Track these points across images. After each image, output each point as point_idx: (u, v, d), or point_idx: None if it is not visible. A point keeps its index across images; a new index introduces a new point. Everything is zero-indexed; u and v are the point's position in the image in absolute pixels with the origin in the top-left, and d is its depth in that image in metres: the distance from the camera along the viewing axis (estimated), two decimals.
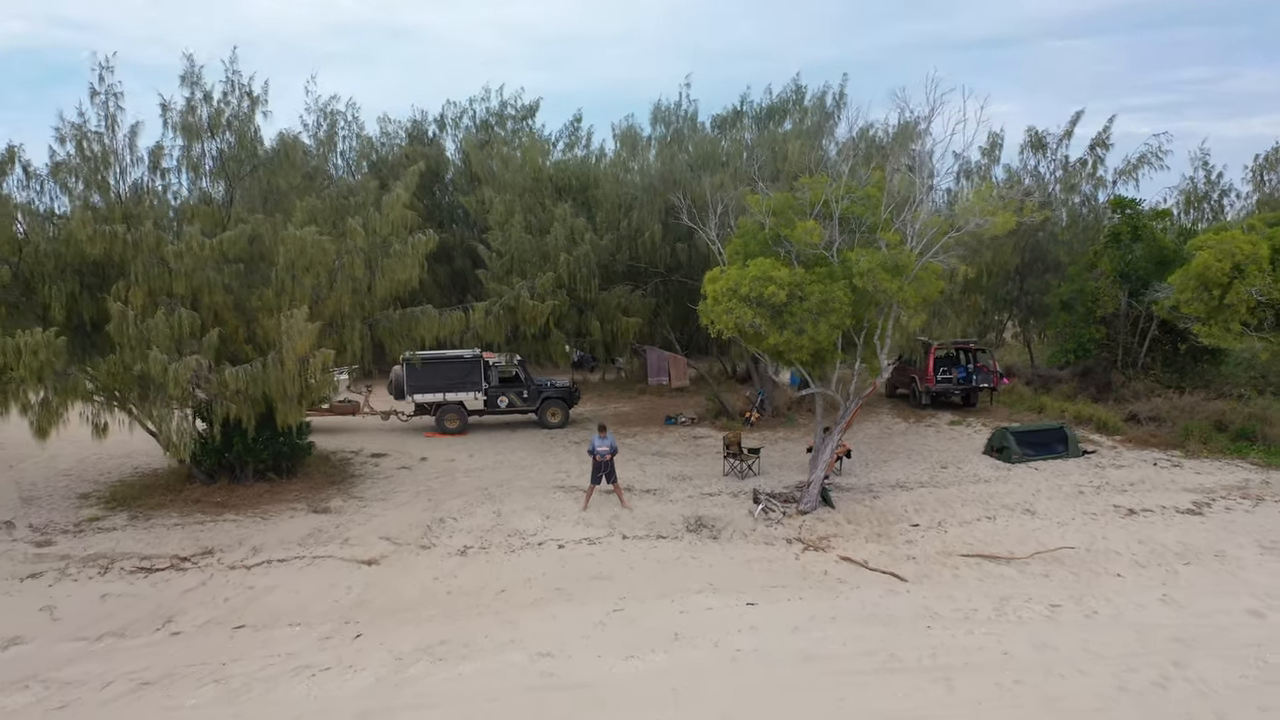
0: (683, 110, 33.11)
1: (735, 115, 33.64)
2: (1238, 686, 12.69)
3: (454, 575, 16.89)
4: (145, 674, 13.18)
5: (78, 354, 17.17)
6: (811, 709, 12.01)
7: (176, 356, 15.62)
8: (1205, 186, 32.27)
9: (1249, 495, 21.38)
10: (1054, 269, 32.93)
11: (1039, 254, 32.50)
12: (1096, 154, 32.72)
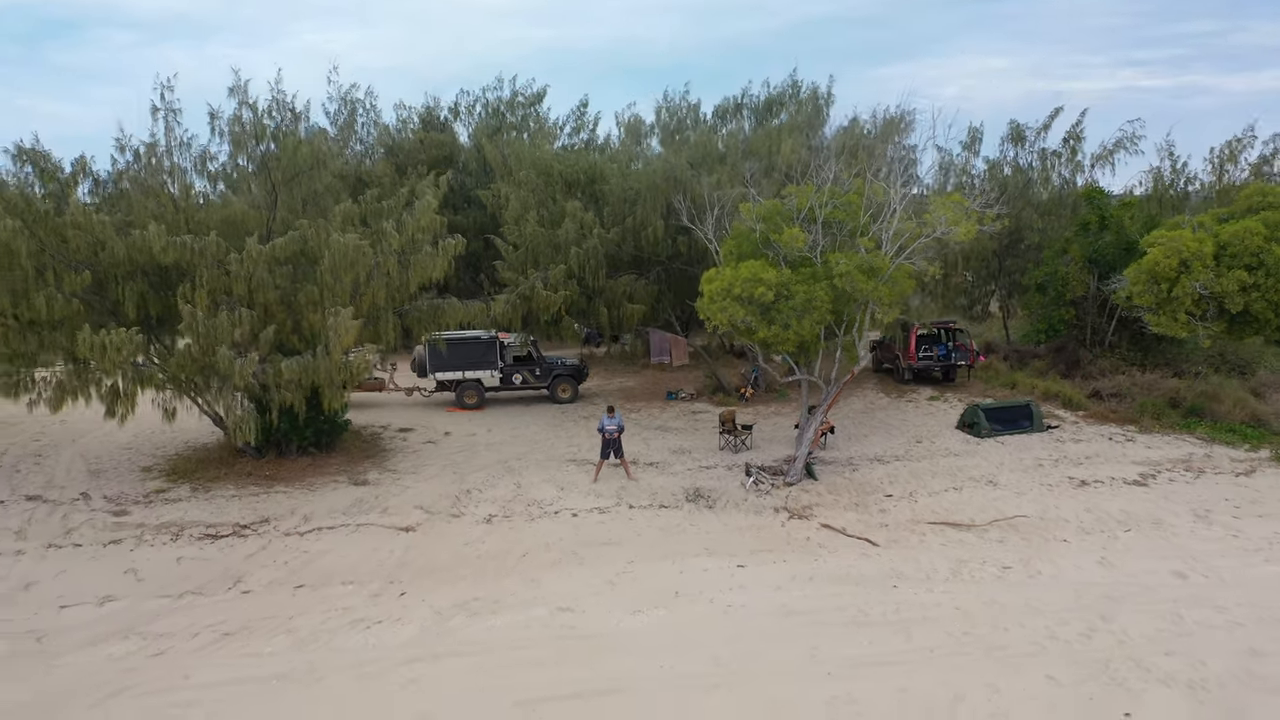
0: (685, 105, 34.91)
1: (735, 107, 35.34)
2: (1151, 636, 14.75)
3: (482, 541, 18.96)
4: (224, 626, 15.29)
5: (144, 346, 19.10)
6: (789, 655, 14.08)
7: (238, 351, 17.56)
8: (1171, 175, 33.99)
9: (1191, 468, 23.39)
10: (1031, 252, 34.72)
11: (1017, 237, 34.27)
12: (1070, 145, 34.45)
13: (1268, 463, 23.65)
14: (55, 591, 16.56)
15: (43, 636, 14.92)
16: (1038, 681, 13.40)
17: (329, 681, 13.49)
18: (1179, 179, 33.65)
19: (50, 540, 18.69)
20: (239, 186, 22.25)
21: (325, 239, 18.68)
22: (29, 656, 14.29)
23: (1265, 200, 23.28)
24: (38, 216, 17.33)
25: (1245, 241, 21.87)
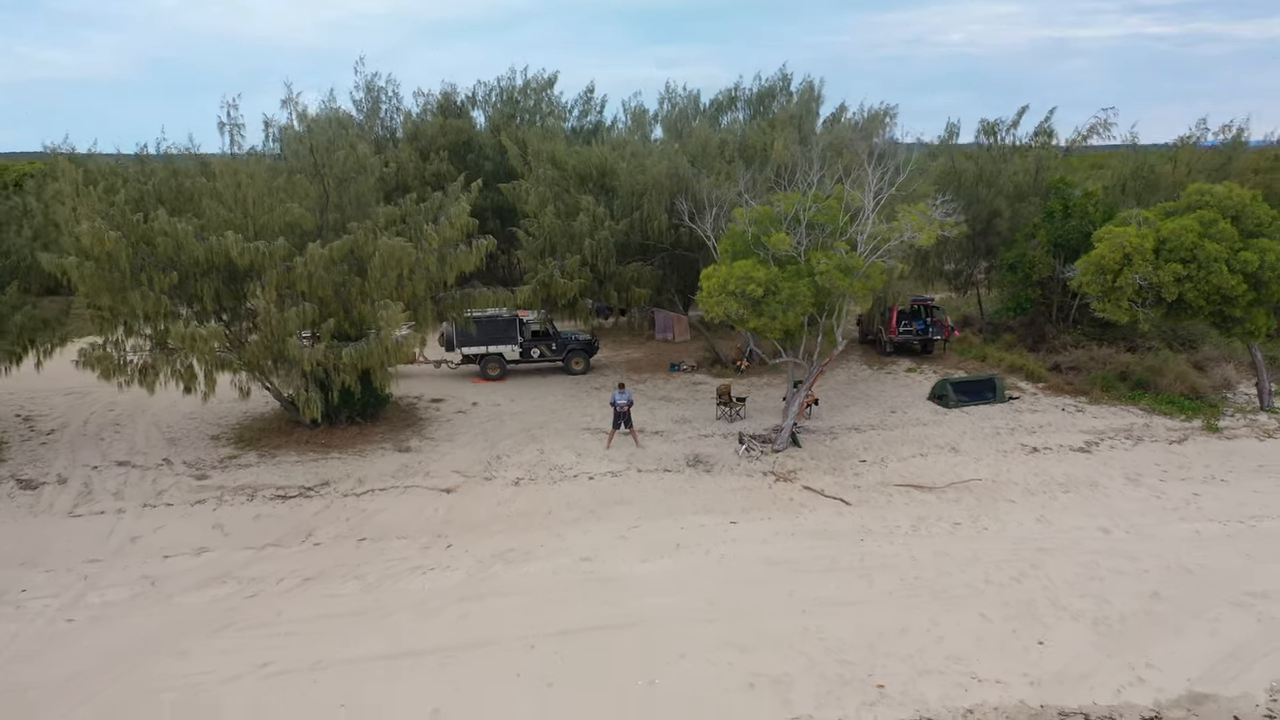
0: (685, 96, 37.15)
1: (730, 99, 37.56)
2: (1070, 581, 17.52)
3: (512, 501, 21.70)
4: (304, 572, 18.08)
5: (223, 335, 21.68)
6: (771, 596, 16.87)
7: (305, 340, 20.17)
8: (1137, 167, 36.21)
9: (1131, 436, 26.03)
10: (1005, 233, 37.04)
11: (990, 223, 36.57)
12: (1040, 139, 36.65)
13: (1199, 432, 26.31)
14: (157, 544, 19.35)
15: (155, 581, 17.72)
16: (971, 617, 16.19)
17: (396, 617, 16.31)
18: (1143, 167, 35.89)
19: (145, 500, 21.46)
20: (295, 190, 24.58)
21: (375, 241, 21.20)
22: (149, 596, 17.11)
23: (1203, 199, 25.62)
24: (133, 226, 19.84)
25: (1181, 238, 24.26)
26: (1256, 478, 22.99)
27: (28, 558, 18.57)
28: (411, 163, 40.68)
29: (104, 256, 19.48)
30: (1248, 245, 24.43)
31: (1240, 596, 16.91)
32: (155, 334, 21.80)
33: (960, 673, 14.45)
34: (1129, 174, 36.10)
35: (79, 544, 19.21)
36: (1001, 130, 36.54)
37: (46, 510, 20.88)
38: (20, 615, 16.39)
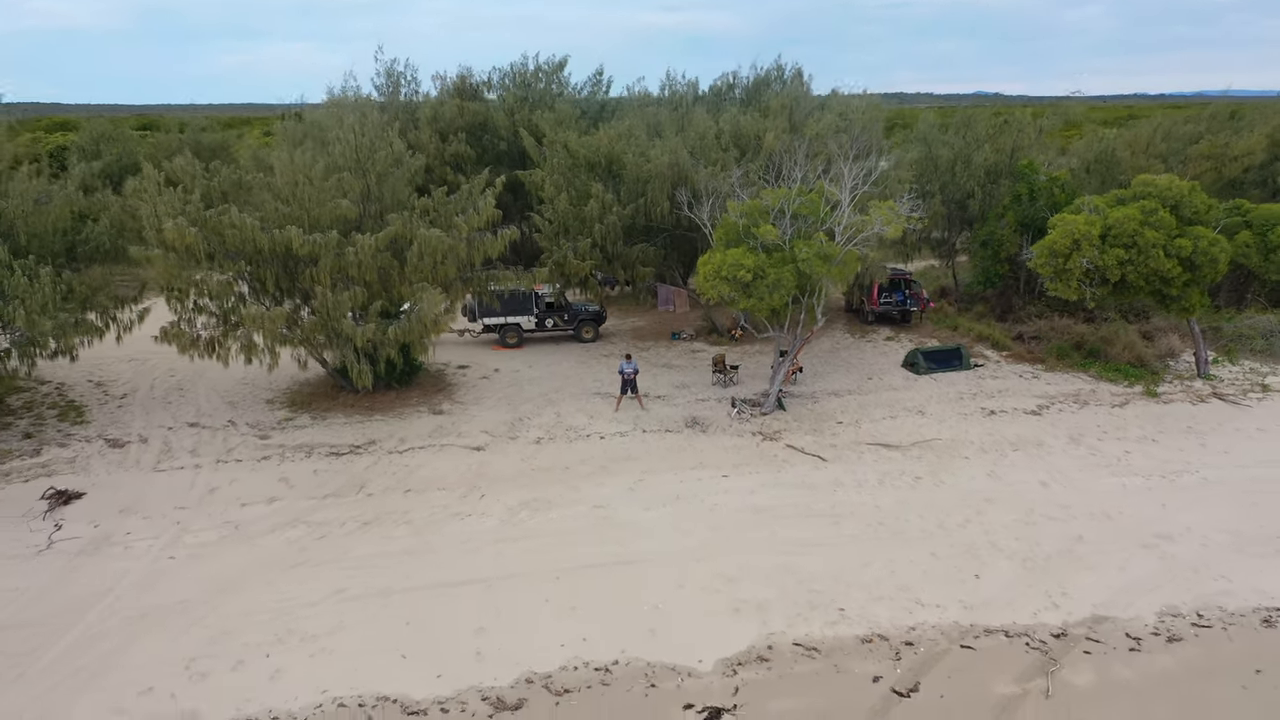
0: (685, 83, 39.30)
1: (729, 87, 39.71)
2: (1008, 526, 20.28)
3: (535, 457, 24.44)
4: (361, 518, 20.86)
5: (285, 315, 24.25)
6: (755, 537, 19.65)
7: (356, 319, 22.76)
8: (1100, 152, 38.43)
9: (1078, 400, 28.67)
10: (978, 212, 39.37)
11: (963, 204, 38.88)
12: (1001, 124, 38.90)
13: (1139, 396, 28.94)
14: (233, 494, 22.12)
15: (237, 525, 20.51)
16: (923, 555, 18.98)
17: (442, 554, 19.12)
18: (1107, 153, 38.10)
19: (217, 457, 24.21)
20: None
21: (415, 231, 23.68)
22: (233, 538, 19.91)
23: (1147, 190, 27.96)
24: (208, 221, 22.33)
25: (1124, 226, 26.64)
26: (1184, 438, 25.67)
27: (126, 506, 21.37)
28: (432, 144, 42.81)
29: (183, 249, 22.04)
30: (1184, 232, 26.87)
31: (1149, 539, 19.70)
32: (222, 312, 24.40)
33: (908, 599, 17.29)
34: (1093, 159, 38.37)
35: (167, 494, 21.99)
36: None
37: (134, 465, 23.65)
38: (129, 554, 19.22)
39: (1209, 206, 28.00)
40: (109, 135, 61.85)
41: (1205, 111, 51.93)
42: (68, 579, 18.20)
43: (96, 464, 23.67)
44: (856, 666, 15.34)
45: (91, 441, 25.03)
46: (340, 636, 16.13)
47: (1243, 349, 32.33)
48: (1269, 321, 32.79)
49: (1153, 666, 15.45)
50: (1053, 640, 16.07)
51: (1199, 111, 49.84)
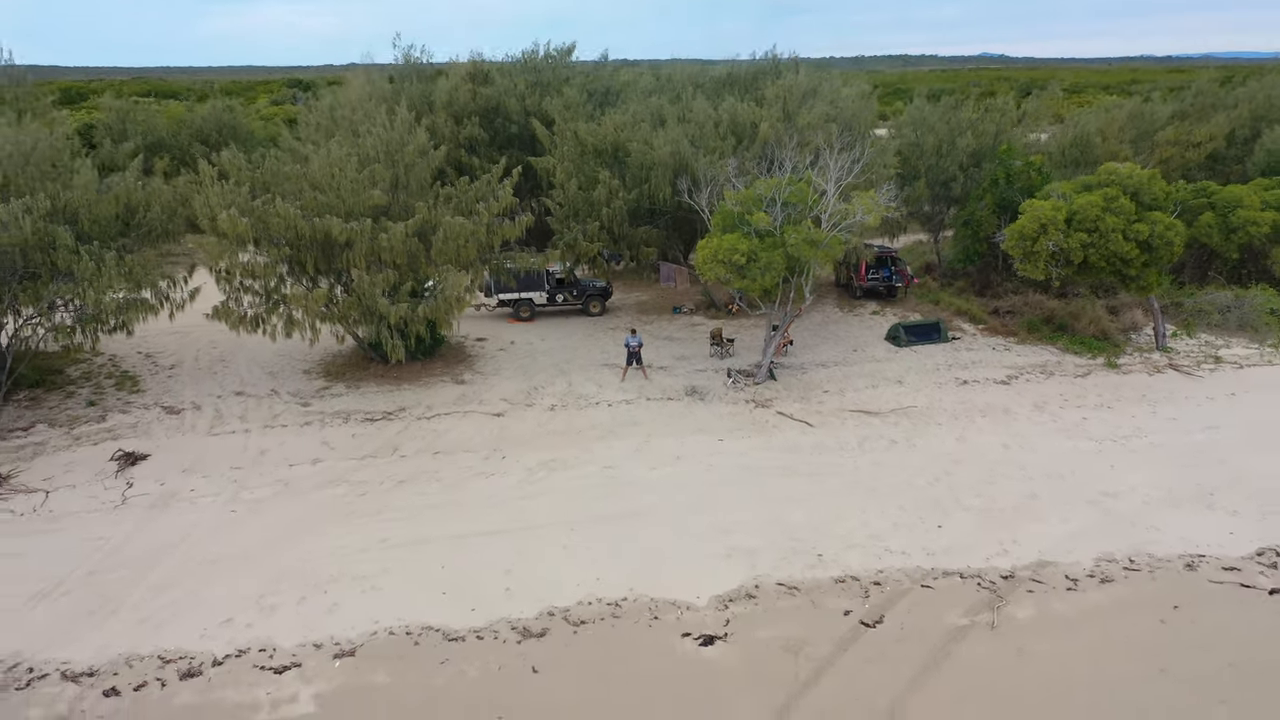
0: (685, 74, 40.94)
1: (728, 78, 41.33)
2: (970, 485, 22.38)
3: (549, 422, 26.52)
4: (397, 477, 23.00)
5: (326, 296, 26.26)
6: (746, 494, 21.78)
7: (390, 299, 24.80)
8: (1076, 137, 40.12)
9: (1045, 371, 30.65)
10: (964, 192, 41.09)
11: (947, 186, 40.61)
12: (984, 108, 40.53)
13: (1101, 368, 30.91)
14: (282, 456, 24.26)
15: (288, 483, 22.67)
16: (893, 509, 21.12)
17: (470, 508, 21.27)
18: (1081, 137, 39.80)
19: (265, 423, 26.32)
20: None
21: (440, 219, 25.60)
22: (285, 494, 22.07)
23: (1110, 179, 29.76)
24: (255, 211, 24.26)
25: (1087, 211, 28.48)
26: (1137, 405, 27.69)
27: (188, 466, 23.52)
28: (447, 128, 44.52)
29: (234, 235, 24.00)
30: (1143, 217, 28.72)
31: (1095, 495, 21.82)
32: (265, 292, 26.40)
33: (878, 546, 19.46)
34: (1069, 143, 40.07)
35: (223, 456, 24.13)
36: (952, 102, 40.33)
37: (191, 430, 25.78)
38: (195, 508, 21.41)
39: (1166, 193, 29.82)
40: (132, 114, 63.36)
41: (1196, 80, 53.62)
42: (144, 529, 20.41)
43: (157, 429, 25.81)
44: (830, 603, 17.54)
45: (150, 409, 27.15)
46: (386, 578, 18.35)
47: (1201, 323, 34.24)
48: (1226, 297, 34.63)
49: (1085, 603, 17.64)
50: (1001, 581, 18.25)
51: (1195, 76, 51.04)
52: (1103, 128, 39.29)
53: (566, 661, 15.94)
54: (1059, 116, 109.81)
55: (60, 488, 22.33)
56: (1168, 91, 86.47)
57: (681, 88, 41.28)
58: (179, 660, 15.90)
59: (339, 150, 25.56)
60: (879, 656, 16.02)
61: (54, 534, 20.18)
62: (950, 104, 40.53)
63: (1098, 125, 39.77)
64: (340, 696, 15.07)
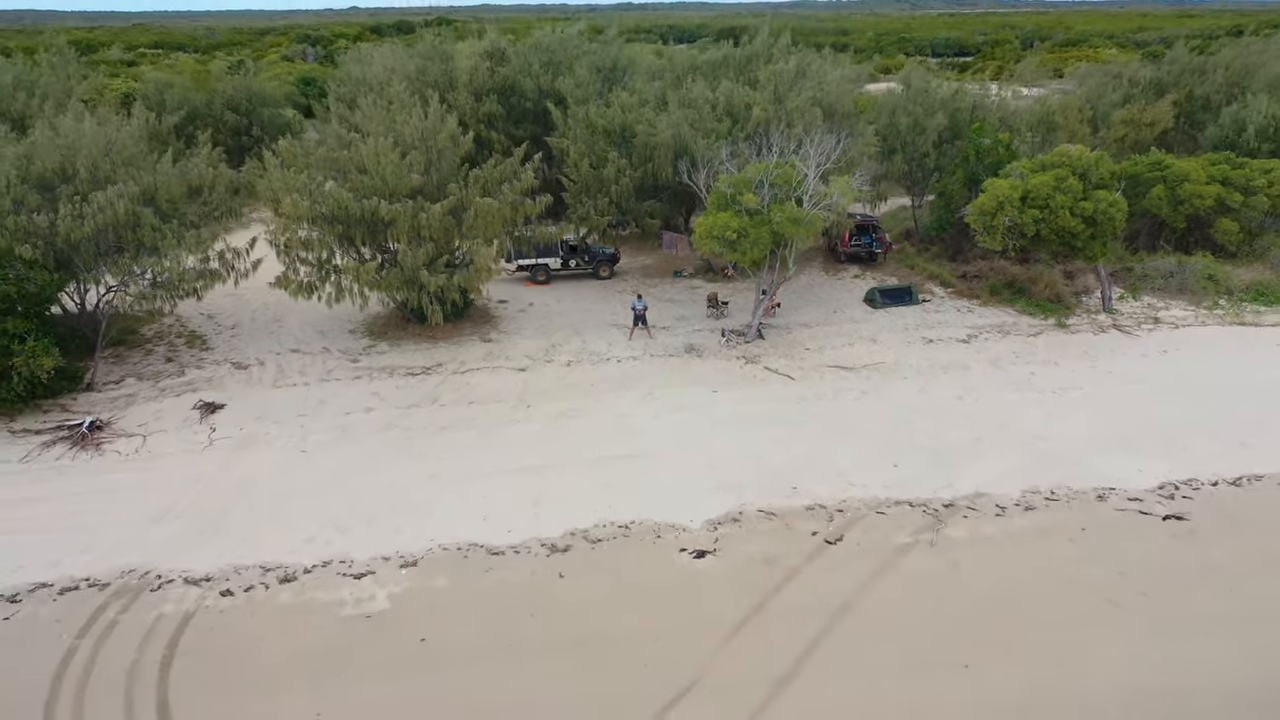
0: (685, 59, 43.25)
1: (724, 61, 43.63)
2: (926, 430, 25.42)
3: (567, 376, 29.52)
4: (439, 424, 26.10)
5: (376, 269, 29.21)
6: (736, 438, 24.84)
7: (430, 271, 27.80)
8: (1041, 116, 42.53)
9: (1002, 331, 33.47)
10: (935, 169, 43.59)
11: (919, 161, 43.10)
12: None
13: (1052, 328, 33.71)
14: (339, 405, 27.34)
15: (345, 429, 25.78)
16: (857, 451, 24.16)
17: (503, 449, 24.37)
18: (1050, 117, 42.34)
19: (321, 376, 29.37)
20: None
21: (473, 199, 28.42)
22: (345, 439, 25.20)
23: (1062, 160, 32.33)
24: (314, 192, 27.11)
25: (1040, 190, 31.12)
26: (1079, 361, 30.56)
27: (260, 414, 26.63)
28: (467, 104, 46.97)
29: (295, 217, 26.90)
30: (1089, 196, 31.37)
31: (1029, 440, 24.87)
32: (318, 263, 29.32)
33: (843, 481, 22.57)
34: (1035, 121, 42.48)
35: (288, 405, 27.22)
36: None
37: (258, 383, 28.85)
38: (271, 449, 24.56)
39: (1113, 172, 32.43)
40: (171, 87, 65.54)
41: (1173, 51, 56.03)
42: (232, 466, 23.60)
43: (229, 382, 28.88)
44: (801, 525, 20.72)
45: (220, 364, 30.19)
46: (437, 506, 21.55)
47: (1146, 287, 37.01)
48: (1169, 264, 37.33)
49: (1010, 526, 20.80)
50: (942, 509, 21.40)
51: (1204, 23, 53.06)
52: (1064, 108, 41.65)
53: (586, 570, 19.19)
54: (1058, 71, 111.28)
55: (154, 432, 25.50)
56: (1163, 50, 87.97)
57: (682, 70, 43.58)
58: (276, 569, 19.18)
59: (383, 142, 28.19)
60: (837, 567, 19.24)
61: (157, 470, 23.40)
62: (921, 88, 42.73)
63: (1060, 107, 42.09)
64: (408, 596, 18.36)
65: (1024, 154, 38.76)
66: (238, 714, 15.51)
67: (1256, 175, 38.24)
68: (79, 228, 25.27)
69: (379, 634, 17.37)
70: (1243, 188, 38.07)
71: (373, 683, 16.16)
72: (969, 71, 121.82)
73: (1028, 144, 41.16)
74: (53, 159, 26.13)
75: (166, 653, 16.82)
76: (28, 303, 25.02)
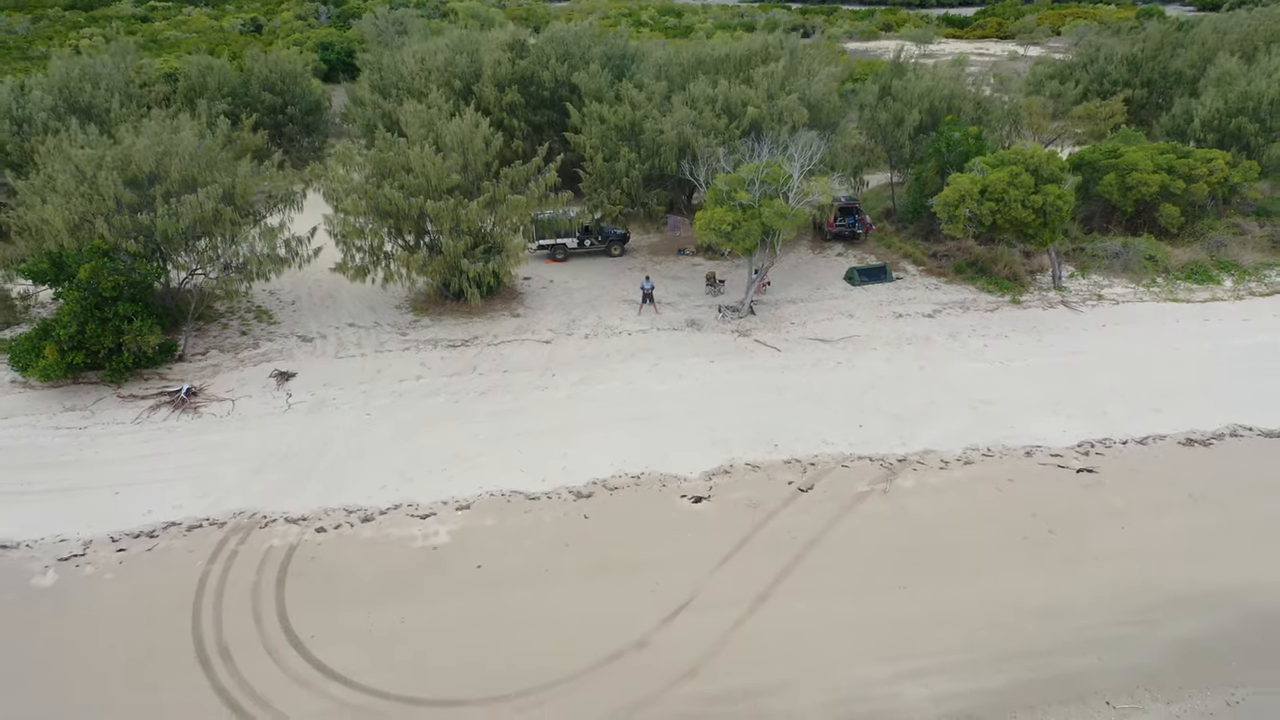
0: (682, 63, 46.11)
1: (725, 58, 46.31)
2: (889, 395, 28.88)
3: (585, 348, 32.93)
4: (480, 389, 29.69)
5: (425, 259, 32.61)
6: (730, 402, 28.37)
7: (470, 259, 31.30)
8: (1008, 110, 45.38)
9: (963, 307, 36.75)
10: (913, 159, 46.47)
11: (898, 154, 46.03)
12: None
13: (1007, 304, 37.01)
14: (393, 374, 30.87)
15: (401, 395, 29.35)
16: (831, 413, 27.71)
17: (533, 413, 27.94)
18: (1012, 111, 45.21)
19: (375, 348, 32.85)
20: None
21: (504, 196, 31.74)
22: (401, 404, 28.79)
23: (1017, 157, 35.34)
24: (370, 192, 30.54)
25: (996, 186, 34.23)
26: (1027, 335, 33.84)
27: (327, 382, 30.20)
28: (491, 94, 49.83)
29: (355, 214, 30.37)
30: (1040, 190, 34.48)
31: (975, 404, 28.35)
32: (371, 250, 32.73)
33: (816, 439, 26.15)
34: (1003, 115, 45.27)
35: (350, 374, 30.78)
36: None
37: (323, 354, 32.40)
38: (340, 412, 28.17)
39: (1062, 167, 35.49)
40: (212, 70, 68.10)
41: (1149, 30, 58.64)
42: (309, 427, 27.27)
43: (297, 353, 32.44)
44: (779, 476, 24.37)
45: (288, 338, 33.71)
46: (482, 460, 25.22)
47: (1095, 266, 40.18)
48: (1115, 245, 40.41)
49: (950, 477, 24.40)
50: (896, 463, 25.01)
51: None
52: (1028, 106, 44.47)
53: (606, 512, 22.92)
54: (1055, 29, 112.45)
55: (240, 397, 29.15)
56: (1158, 9, 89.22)
57: (688, 65, 46.31)
58: (357, 511, 22.94)
59: (428, 148, 31.36)
60: (808, 510, 22.92)
61: (248, 430, 27.09)
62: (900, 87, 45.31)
63: (1025, 105, 44.91)
64: (464, 532, 22.12)
65: (991, 145, 41.69)
66: (340, 621, 19.37)
67: (1199, 165, 41.06)
68: (174, 224, 28.66)
69: (443, 562, 21.16)
70: (1186, 176, 40.96)
71: (442, 600, 19.99)
72: (969, 28, 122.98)
73: (996, 133, 44.03)
74: (148, 163, 29.39)
75: (279, 575, 20.66)
76: (134, 289, 28.49)
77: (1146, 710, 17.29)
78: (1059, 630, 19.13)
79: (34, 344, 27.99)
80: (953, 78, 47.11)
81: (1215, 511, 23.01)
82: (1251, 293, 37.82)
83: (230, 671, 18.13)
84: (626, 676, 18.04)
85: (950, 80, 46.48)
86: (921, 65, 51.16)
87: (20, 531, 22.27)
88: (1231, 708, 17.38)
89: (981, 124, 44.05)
